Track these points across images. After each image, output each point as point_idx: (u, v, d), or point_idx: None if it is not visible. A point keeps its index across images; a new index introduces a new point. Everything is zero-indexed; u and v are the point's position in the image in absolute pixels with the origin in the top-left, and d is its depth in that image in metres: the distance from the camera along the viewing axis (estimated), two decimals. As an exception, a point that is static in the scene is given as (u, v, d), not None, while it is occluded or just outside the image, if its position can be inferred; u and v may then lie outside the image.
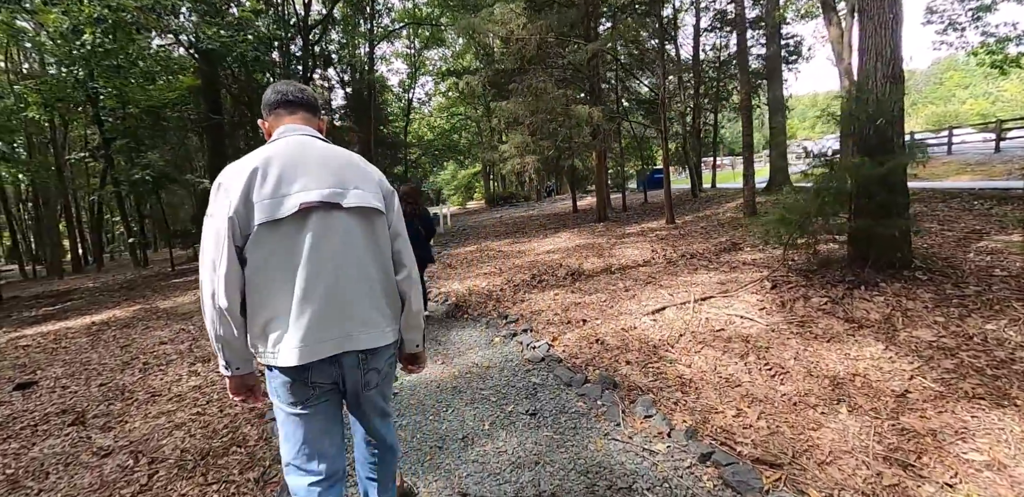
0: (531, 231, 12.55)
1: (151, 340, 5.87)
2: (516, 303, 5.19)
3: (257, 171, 1.25)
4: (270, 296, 1.26)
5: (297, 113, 1.45)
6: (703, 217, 10.76)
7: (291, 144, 1.35)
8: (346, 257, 1.31)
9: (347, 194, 1.31)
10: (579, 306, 4.72)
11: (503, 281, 6.29)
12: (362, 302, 1.34)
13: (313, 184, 1.28)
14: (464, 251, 10.22)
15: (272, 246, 1.25)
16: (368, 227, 1.36)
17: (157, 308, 8.29)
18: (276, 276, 1.26)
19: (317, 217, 1.27)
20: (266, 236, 1.24)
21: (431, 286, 6.60)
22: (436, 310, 5.39)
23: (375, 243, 1.38)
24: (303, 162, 1.31)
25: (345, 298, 1.30)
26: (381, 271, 1.39)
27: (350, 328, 1.31)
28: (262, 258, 1.25)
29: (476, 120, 25.91)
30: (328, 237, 1.29)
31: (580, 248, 8.31)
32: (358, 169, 1.40)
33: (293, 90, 1.47)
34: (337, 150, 1.41)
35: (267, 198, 1.24)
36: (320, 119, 1.52)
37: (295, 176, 1.28)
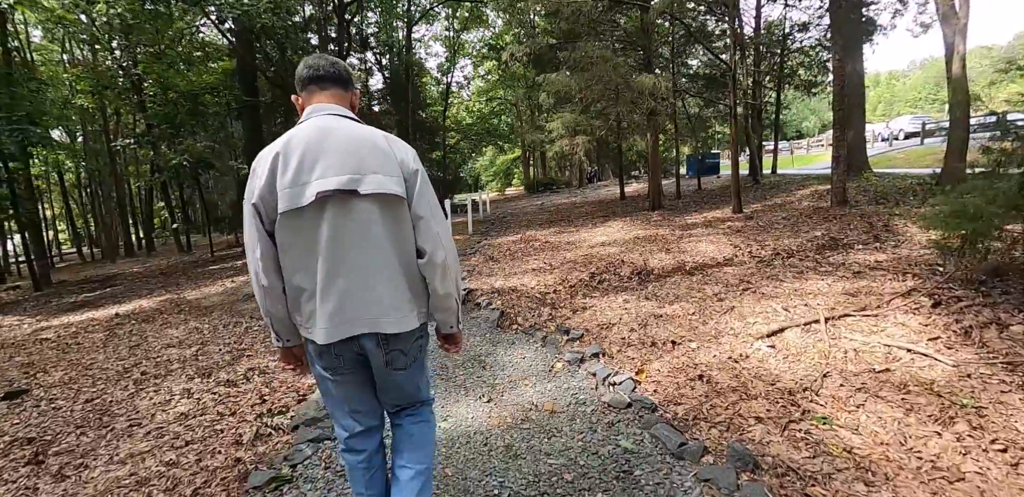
0: (577, 219, 11.41)
1: (161, 340, 5.20)
2: (576, 311, 4.15)
3: (279, 157, 1.26)
4: (299, 279, 1.30)
5: (329, 89, 1.40)
6: (775, 206, 9.36)
7: (316, 127, 1.31)
8: (365, 243, 1.29)
9: (364, 180, 1.27)
10: (660, 320, 3.64)
11: (556, 280, 5.25)
12: (383, 287, 1.31)
13: (331, 171, 1.25)
14: (506, 241, 9.22)
15: (295, 232, 1.26)
16: (388, 213, 1.30)
17: (183, 300, 7.72)
18: (302, 261, 1.28)
19: (335, 205, 1.26)
20: (289, 223, 1.25)
21: (471, 283, 5.65)
22: (478, 315, 4.43)
23: (396, 228, 1.32)
24: (324, 147, 1.28)
25: (366, 284, 1.29)
26: (403, 256, 1.34)
27: (373, 313, 1.30)
28: (288, 243, 1.28)
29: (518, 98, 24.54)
30: (347, 224, 1.27)
31: (640, 241, 7.16)
32: (379, 152, 1.31)
33: (324, 64, 1.41)
34: (361, 131, 1.34)
35: (288, 186, 1.24)
36: (353, 92, 1.46)
37: (315, 162, 1.26)
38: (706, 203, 11.62)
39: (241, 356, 4.20)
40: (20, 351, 5.86)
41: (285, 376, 3.58)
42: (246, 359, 4.10)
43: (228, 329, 5.23)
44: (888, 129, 25.05)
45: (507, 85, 27.66)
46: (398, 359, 1.39)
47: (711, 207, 10.79)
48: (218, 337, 4.97)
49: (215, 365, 4.05)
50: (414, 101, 19.96)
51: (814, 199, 9.44)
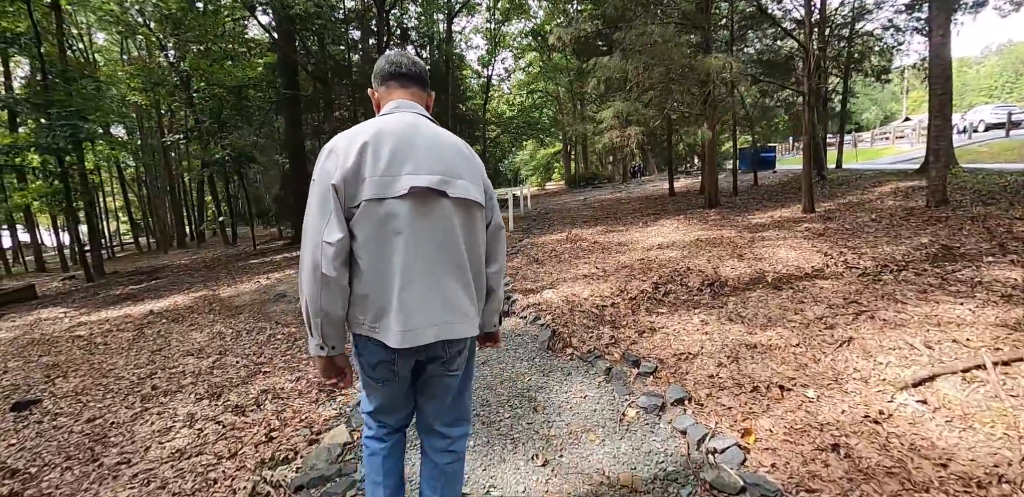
0: (625, 217, 10.57)
1: (183, 345, 4.82)
2: (642, 333, 3.43)
3: (368, 145, 1.17)
4: (374, 273, 1.19)
5: (409, 87, 1.36)
6: (852, 205, 8.25)
7: (402, 122, 1.25)
8: (446, 246, 1.24)
9: (454, 183, 1.23)
10: (755, 352, 2.88)
11: (613, 289, 4.53)
12: (459, 292, 1.27)
13: (423, 168, 1.20)
14: (551, 240, 8.52)
15: (377, 224, 1.17)
16: (468, 218, 1.28)
17: (216, 297, 7.45)
18: (379, 255, 1.18)
19: (423, 202, 1.19)
20: (372, 213, 1.16)
21: (514, 292, 5.00)
22: (524, 332, 3.77)
23: (473, 235, 1.30)
24: (414, 143, 1.22)
25: (445, 286, 1.24)
26: (475, 262, 1.32)
27: (449, 317, 1.24)
28: (366, 234, 1.18)
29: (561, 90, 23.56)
30: (431, 224, 1.21)
31: (703, 243, 6.31)
32: (465, 159, 1.30)
33: (407, 62, 1.36)
34: (446, 135, 1.31)
35: (379, 175, 1.16)
36: (429, 94, 1.42)
37: (407, 156, 1.19)
38: (768, 201, 10.54)
39: (257, 373, 3.71)
40: (51, 349, 5.67)
41: (300, 403, 3.05)
42: (261, 377, 3.61)
43: (251, 336, 4.79)
44: (964, 120, 22.67)
45: (549, 77, 26.78)
46: (454, 360, 1.35)
47: (775, 205, 9.73)
48: (239, 345, 4.53)
49: (228, 383, 3.58)
50: (454, 94, 19.43)
51: (899, 197, 8.28)
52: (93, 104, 12.34)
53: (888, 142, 28.21)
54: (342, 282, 1.17)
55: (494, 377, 3.03)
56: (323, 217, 1.16)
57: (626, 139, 8.06)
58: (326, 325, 1.20)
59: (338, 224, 1.15)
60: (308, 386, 3.31)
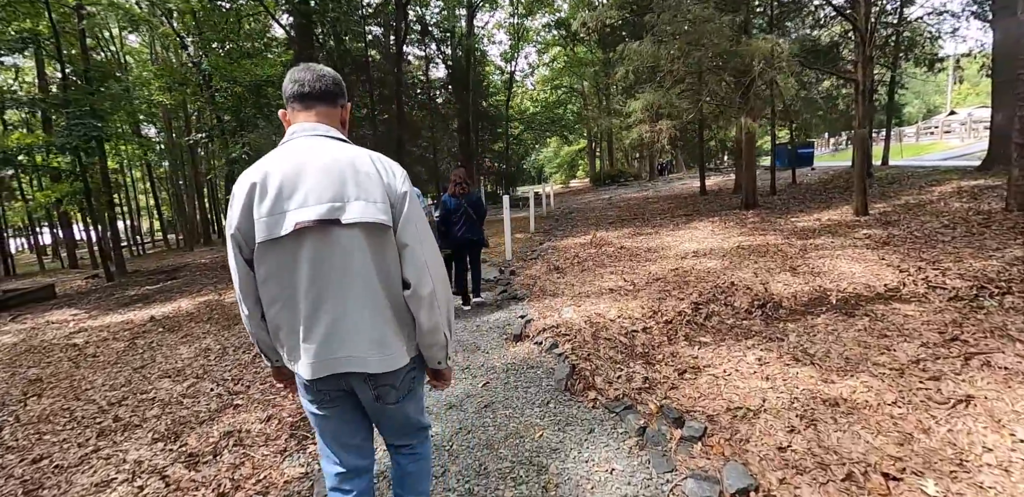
0: (654, 218, 9.80)
1: (166, 364, 4.38)
2: (683, 372, 2.76)
3: (256, 186, 1.14)
4: (279, 311, 1.19)
5: (314, 107, 1.26)
6: (911, 207, 7.32)
7: (296, 150, 1.19)
8: (348, 276, 1.16)
9: (346, 208, 1.14)
10: (835, 410, 2.18)
11: (644, 309, 3.86)
12: (369, 323, 1.19)
13: (312, 199, 1.13)
14: (573, 243, 7.86)
15: (274, 263, 1.15)
16: (373, 242, 1.17)
17: (219, 303, 7.06)
18: (281, 293, 1.17)
19: (315, 235, 1.14)
20: (267, 253, 1.15)
21: (530, 308, 4.38)
22: (538, 364, 3.14)
23: (382, 258, 1.19)
24: (303, 173, 1.15)
25: (351, 319, 1.17)
26: (390, 288, 1.21)
27: (358, 350, 1.18)
28: (266, 274, 1.17)
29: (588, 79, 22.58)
30: (328, 256, 1.15)
31: (746, 252, 5.55)
32: (363, 176, 1.18)
33: (310, 79, 1.25)
34: (345, 153, 1.20)
35: (265, 216, 1.13)
36: (343, 106, 1.32)
37: (294, 189, 1.14)
38: (811, 201, 9.60)
39: (228, 406, 3.19)
40: (43, 359, 5.36)
41: (263, 454, 2.50)
42: (231, 412, 3.09)
43: (236, 355, 4.31)
44: None
45: (573, 72, 25.94)
46: (389, 394, 1.27)
47: (820, 206, 8.83)
48: (220, 366, 4.05)
49: (193, 418, 3.07)
50: (476, 90, 18.84)
51: (966, 199, 7.31)
52: (115, 104, 12.25)
53: (934, 137, 26.43)
54: (256, 317, 1.24)
55: (497, 428, 2.42)
56: (231, 262, 1.20)
57: (657, 134, 7.31)
58: (261, 345, 1.30)
59: (238, 269, 1.19)
60: (278, 428, 2.77)
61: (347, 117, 1.35)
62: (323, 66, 1.31)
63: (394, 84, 14.41)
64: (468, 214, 4.35)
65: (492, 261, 7.44)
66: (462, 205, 4.34)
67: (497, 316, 4.27)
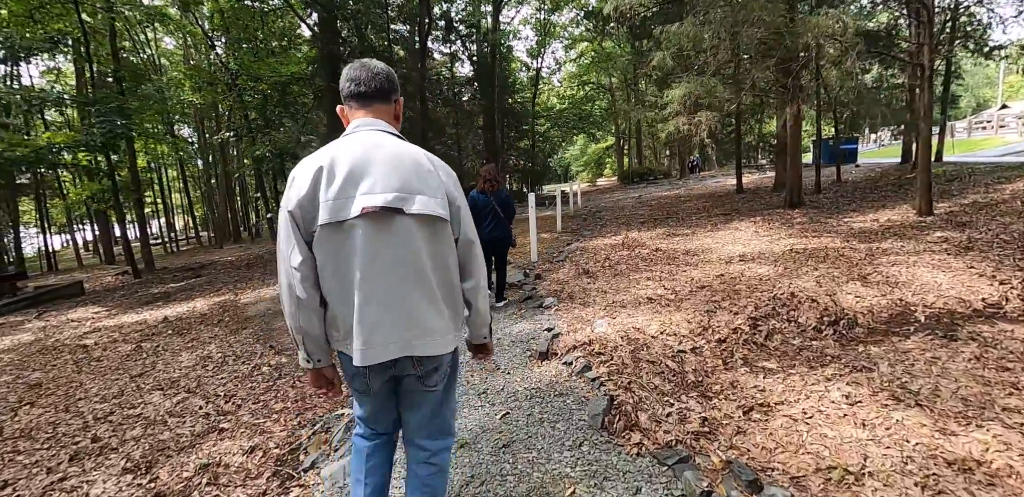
0: (689, 217, 9.13)
1: (163, 373, 4.06)
2: (749, 410, 2.22)
3: (322, 170, 1.16)
4: (336, 293, 1.19)
5: (371, 104, 1.31)
6: (982, 206, 6.50)
7: (361, 142, 1.22)
8: (406, 263, 1.19)
9: (412, 199, 1.18)
10: (968, 478, 1.61)
11: (691, 323, 3.30)
12: (422, 309, 1.21)
13: (379, 187, 1.16)
14: (604, 244, 7.30)
15: (335, 246, 1.16)
16: (431, 234, 1.22)
17: (234, 304, 6.80)
18: (339, 276, 1.18)
19: (377, 222, 1.16)
20: (329, 236, 1.16)
21: (558, 319, 3.87)
22: (567, 391, 2.64)
23: (438, 250, 1.23)
24: (370, 162, 1.18)
25: (405, 305, 1.19)
26: (443, 278, 1.25)
27: (410, 335, 1.20)
28: (325, 257, 1.17)
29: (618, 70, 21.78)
30: (389, 242, 1.17)
31: (801, 256, 4.91)
32: (427, 173, 1.23)
33: (365, 78, 1.29)
34: (407, 150, 1.25)
35: (332, 199, 1.14)
36: (397, 101, 1.36)
37: (361, 177, 1.17)
38: (862, 200, 8.77)
39: (213, 429, 2.80)
40: (50, 362, 5.16)
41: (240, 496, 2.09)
42: (215, 437, 2.70)
43: (235, 365, 3.95)
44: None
45: (601, 67, 25.18)
46: (430, 376, 1.30)
47: (873, 205, 8.02)
48: (216, 379, 3.69)
49: (173, 444, 2.69)
50: (501, 86, 18.36)
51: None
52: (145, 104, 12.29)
53: (987, 132, 24.64)
54: (314, 303, 1.19)
55: (517, 480, 1.93)
56: (288, 243, 1.17)
57: (695, 127, 6.68)
58: (307, 342, 1.23)
59: (299, 249, 1.16)
60: (262, 462, 2.36)
61: (399, 111, 1.37)
62: (377, 62, 1.32)
63: (418, 80, 14.06)
64: (496, 212, 4.17)
65: (517, 262, 6.96)
66: (491, 202, 4.14)
67: (520, 328, 3.78)
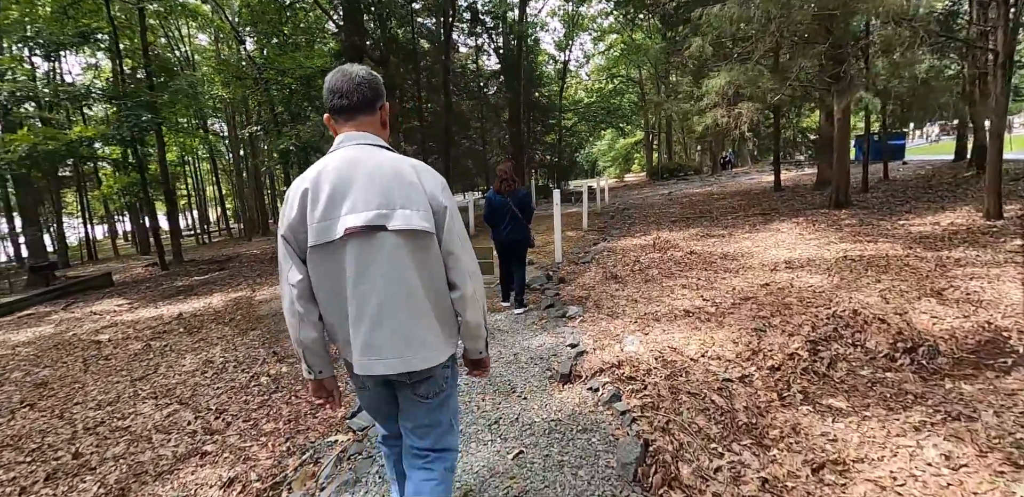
0: (724, 217, 8.54)
1: (164, 378, 3.84)
2: (819, 466, 1.78)
3: (308, 192, 1.19)
4: (331, 310, 1.23)
5: (354, 118, 1.29)
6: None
7: (344, 158, 1.23)
8: (394, 279, 1.20)
9: (393, 215, 1.18)
10: None
11: (737, 344, 2.86)
12: (413, 324, 1.23)
13: (360, 206, 1.17)
14: (633, 245, 6.83)
15: (326, 266, 1.19)
16: (417, 248, 1.21)
17: (249, 302, 6.63)
18: (332, 294, 1.21)
19: (362, 241, 1.18)
20: (321, 256, 1.19)
21: (583, 333, 3.47)
22: (594, 423, 2.24)
23: (425, 263, 1.24)
24: (352, 180, 1.19)
25: (396, 321, 1.21)
26: (433, 291, 1.25)
27: (402, 350, 1.22)
28: (319, 277, 1.21)
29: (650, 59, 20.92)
30: (375, 260, 1.18)
31: (858, 265, 4.36)
32: (407, 186, 1.22)
33: (347, 89, 1.25)
34: (390, 163, 1.23)
35: (318, 221, 1.17)
36: (382, 108, 1.33)
37: (344, 196, 1.18)
38: (915, 200, 8.02)
39: (196, 452, 2.52)
40: (61, 358, 5.08)
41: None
42: (195, 462, 2.42)
43: (235, 373, 3.70)
44: None
45: (631, 59, 24.36)
46: (420, 386, 1.30)
47: (931, 207, 7.28)
48: (212, 388, 3.44)
49: (152, 467, 2.42)
50: (527, 79, 17.85)
51: None
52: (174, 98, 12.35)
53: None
54: (313, 318, 1.22)
55: (530, 547, 1.56)
56: (285, 262, 1.21)
57: (735, 119, 6.12)
58: (308, 354, 1.26)
59: (296, 268, 1.19)
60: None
61: (386, 118, 1.35)
62: (359, 69, 1.29)
63: (442, 73, 13.72)
64: (514, 212, 4.05)
65: (540, 263, 6.57)
66: (508, 203, 4.04)
67: (540, 341, 3.39)
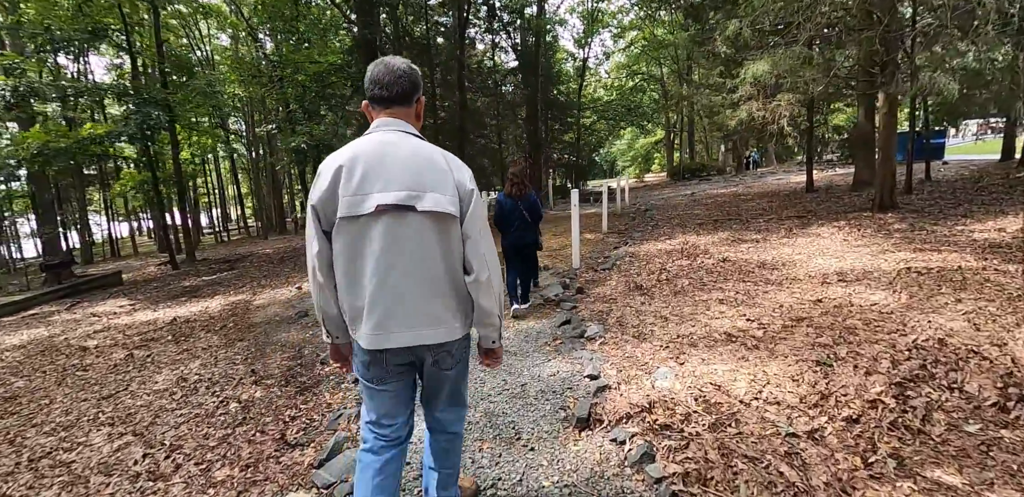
0: (755, 220, 7.87)
1: (128, 399, 3.41)
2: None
3: (342, 168, 1.23)
4: (350, 282, 1.27)
5: (390, 107, 1.37)
6: None
7: (380, 141, 1.30)
8: (416, 257, 1.26)
9: (423, 197, 1.25)
10: None
11: (795, 381, 2.28)
12: (430, 300, 1.29)
13: (393, 186, 1.24)
14: (657, 250, 6.24)
15: (350, 238, 1.24)
16: (441, 230, 1.28)
17: (245, 307, 6.24)
18: (353, 266, 1.26)
19: (391, 218, 1.24)
20: (345, 229, 1.24)
21: (605, 359, 2.93)
22: (622, 490, 1.71)
23: (447, 245, 1.30)
24: (386, 162, 1.26)
25: (414, 296, 1.26)
26: (451, 271, 1.31)
27: (418, 324, 1.28)
28: (342, 247, 1.25)
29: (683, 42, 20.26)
30: (400, 237, 1.25)
31: (926, 279, 3.71)
32: (438, 172, 1.30)
33: (388, 81, 1.34)
34: (423, 150, 1.32)
35: (350, 195, 1.22)
36: (418, 101, 1.41)
37: (378, 175, 1.24)
38: (968, 203, 7.23)
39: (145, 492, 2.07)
40: (40, 367, 4.73)
41: None
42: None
43: (204, 395, 3.25)
44: None
45: (652, 56, 23.61)
46: (445, 360, 1.37)
47: (989, 210, 6.51)
48: (175, 416, 2.99)
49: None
50: (545, 76, 17.26)
51: None
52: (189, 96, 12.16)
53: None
54: (330, 286, 1.29)
55: None
56: (310, 233, 1.27)
57: (772, 113, 5.49)
58: (327, 321, 1.34)
59: (317, 240, 1.26)
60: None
61: (421, 110, 1.42)
62: (399, 62, 1.33)
63: (457, 69, 13.25)
64: (523, 216, 4.00)
65: (556, 269, 6.03)
66: (517, 206, 3.98)
67: (554, 368, 2.85)
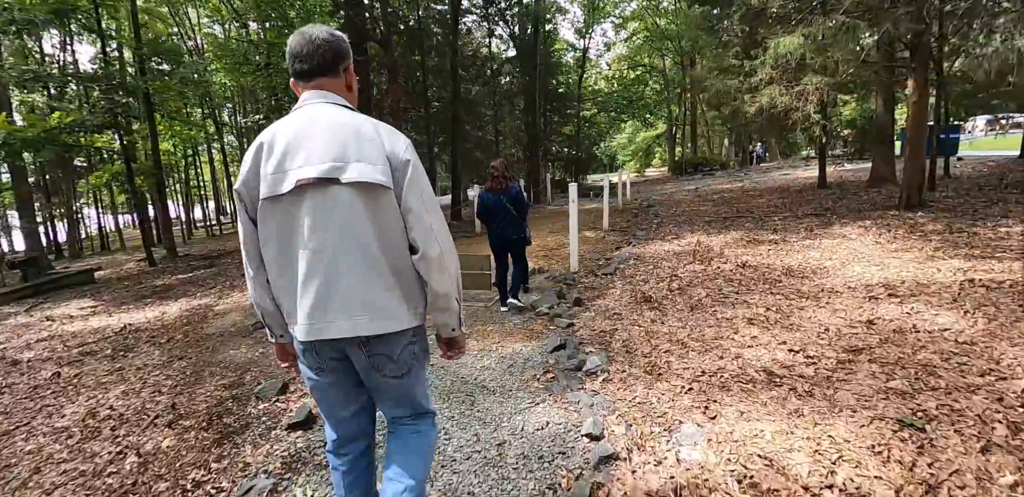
0: (770, 218, 7.19)
1: (21, 441, 2.74)
2: None
3: (263, 146, 1.16)
4: (281, 271, 1.17)
5: (314, 79, 1.23)
6: None
7: (303, 116, 1.19)
8: (348, 235, 1.12)
9: (347, 168, 1.11)
10: None
11: (880, 454, 1.63)
12: (366, 285, 1.13)
13: (314, 158, 1.12)
14: (663, 251, 5.58)
15: (275, 221, 1.14)
16: (371, 203, 1.12)
17: (206, 314, 5.59)
18: (281, 251, 1.16)
19: (315, 193, 1.11)
20: (270, 211, 1.13)
21: (608, 406, 2.27)
22: None
23: (381, 220, 1.14)
24: (308, 135, 1.15)
25: (346, 280, 1.12)
26: (389, 251, 1.16)
27: (351, 312, 1.13)
28: (267, 232, 1.16)
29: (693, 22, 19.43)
30: (327, 214, 1.11)
31: (1000, 295, 3.05)
32: (366, 141, 1.15)
33: (307, 52, 1.20)
34: (348, 118, 1.18)
35: (271, 173, 1.12)
36: (345, 70, 1.27)
37: (298, 150, 1.14)
38: (999, 202, 6.57)
39: None
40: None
41: None
42: None
43: (107, 439, 2.58)
44: None
45: (655, 47, 22.80)
46: (385, 365, 1.20)
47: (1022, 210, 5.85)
48: (59, 470, 2.32)
49: None
50: (544, 66, 16.47)
51: None
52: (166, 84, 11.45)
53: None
54: (262, 279, 1.21)
55: None
56: (239, 220, 1.19)
57: (798, 97, 4.80)
58: (266, 317, 1.25)
59: (244, 227, 1.18)
60: None
61: (351, 81, 1.29)
62: (319, 30, 1.21)
63: (451, 56, 12.49)
64: (508, 210, 3.88)
65: (552, 272, 5.37)
66: (501, 201, 3.86)
67: (542, 417, 2.18)
